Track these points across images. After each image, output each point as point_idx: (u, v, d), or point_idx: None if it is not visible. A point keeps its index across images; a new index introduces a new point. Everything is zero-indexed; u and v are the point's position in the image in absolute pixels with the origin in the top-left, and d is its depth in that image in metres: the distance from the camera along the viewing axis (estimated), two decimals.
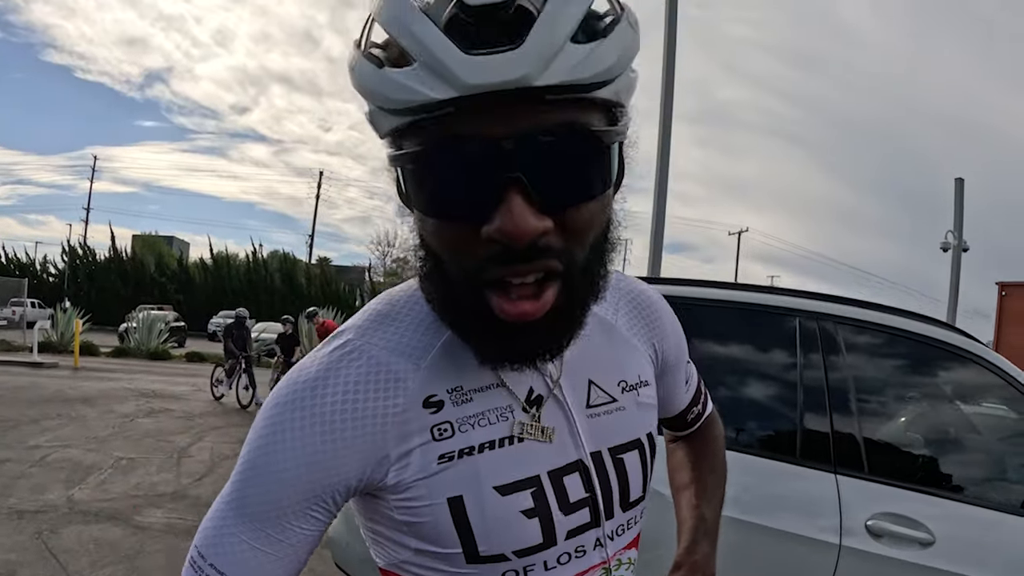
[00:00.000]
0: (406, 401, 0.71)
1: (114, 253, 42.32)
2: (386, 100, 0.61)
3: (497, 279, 0.63)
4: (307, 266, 51.81)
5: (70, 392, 12.40)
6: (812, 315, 2.80)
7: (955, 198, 19.25)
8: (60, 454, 7.49)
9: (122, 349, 21.40)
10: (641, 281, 0.96)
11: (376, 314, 0.77)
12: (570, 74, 0.58)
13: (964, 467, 2.70)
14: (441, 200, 0.63)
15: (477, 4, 0.57)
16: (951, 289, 19.34)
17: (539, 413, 0.76)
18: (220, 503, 0.72)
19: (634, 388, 0.85)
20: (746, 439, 2.72)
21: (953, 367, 2.80)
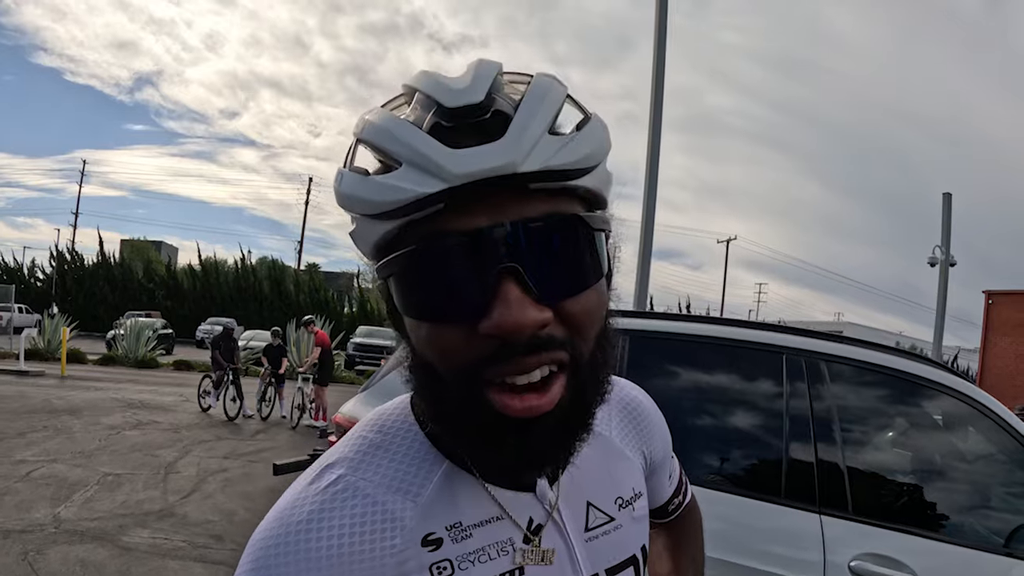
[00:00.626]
0: (403, 541, 0.68)
1: (102, 258, 42.04)
2: (373, 205, 0.60)
3: (500, 380, 0.60)
4: (296, 272, 51.65)
5: (56, 403, 12.34)
6: (795, 351, 2.85)
7: (943, 213, 19.34)
8: (46, 469, 7.47)
9: (109, 357, 21.27)
10: (630, 383, 0.98)
11: (368, 444, 0.74)
12: (550, 160, 0.59)
13: (947, 504, 2.75)
14: (433, 301, 0.61)
15: (456, 105, 0.59)
16: (939, 304, 19.45)
17: (539, 540, 0.74)
18: None
19: (629, 503, 0.85)
20: (730, 478, 2.77)
21: (934, 402, 2.86)
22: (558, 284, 0.61)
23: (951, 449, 2.94)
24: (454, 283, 0.60)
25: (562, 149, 0.60)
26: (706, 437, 2.87)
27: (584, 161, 0.62)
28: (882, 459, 2.85)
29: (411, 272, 0.62)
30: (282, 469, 4.77)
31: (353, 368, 25.05)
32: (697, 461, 2.77)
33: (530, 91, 0.62)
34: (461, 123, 0.60)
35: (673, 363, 2.97)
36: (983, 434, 2.80)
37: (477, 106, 0.60)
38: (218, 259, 46.21)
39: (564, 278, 0.61)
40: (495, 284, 0.58)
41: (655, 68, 10.20)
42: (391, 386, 3.29)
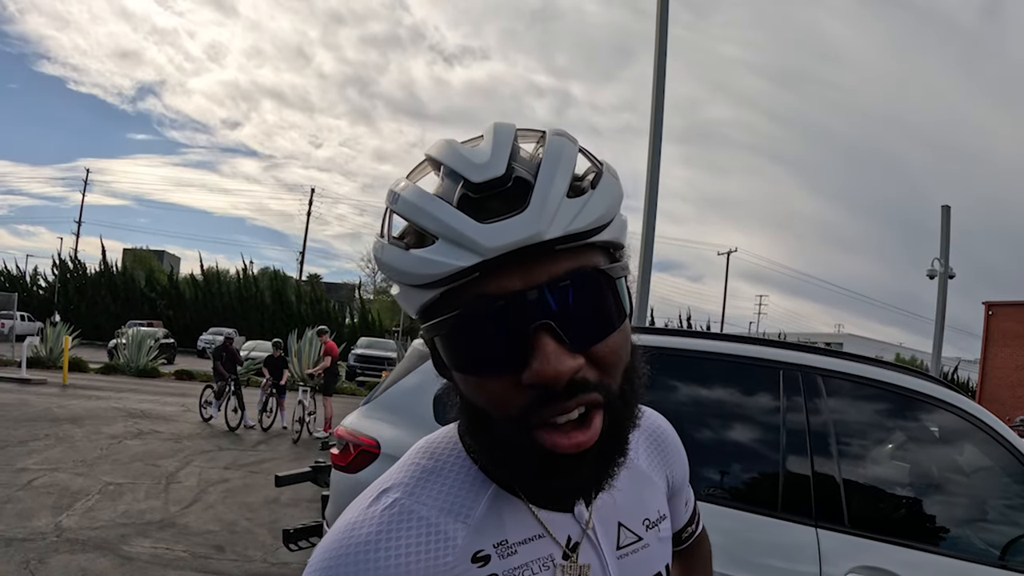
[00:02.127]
0: (455, 559, 0.74)
1: (105, 267, 42.17)
2: (417, 277, 0.67)
3: (543, 421, 0.67)
4: (297, 283, 51.75)
5: (58, 411, 12.38)
6: (794, 367, 2.90)
7: (941, 226, 19.36)
8: (48, 478, 7.50)
9: (111, 366, 21.32)
10: (653, 411, 1.04)
11: (421, 470, 0.80)
12: (571, 225, 0.65)
13: (942, 517, 2.79)
14: (478, 358, 0.68)
15: (481, 180, 0.65)
16: (937, 316, 19.46)
17: (576, 556, 0.80)
18: None
19: (656, 524, 0.91)
20: (728, 491, 2.81)
21: (930, 416, 2.90)
22: (587, 333, 0.67)
23: (947, 463, 2.97)
24: (496, 341, 0.66)
25: (581, 211, 0.66)
26: (705, 451, 2.90)
27: (601, 219, 0.68)
28: (878, 472, 2.88)
29: (456, 333, 0.68)
30: (284, 481, 4.80)
31: (354, 379, 25.06)
32: (696, 475, 2.81)
33: (546, 155, 0.68)
34: (486, 195, 0.66)
35: (672, 378, 3.01)
36: (979, 448, 2.84)
37: (499, 178, 0.66)
38: (220, 269, 46.47)
39: (592, 327, 0.67)
40: (532, 339, 0.65)
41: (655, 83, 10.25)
42: (393, 399, 3.33)
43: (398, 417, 3.21)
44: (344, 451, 3.24)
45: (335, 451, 3.32)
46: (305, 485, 7.82)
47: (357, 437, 3.20)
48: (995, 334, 32.94)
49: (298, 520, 5.87)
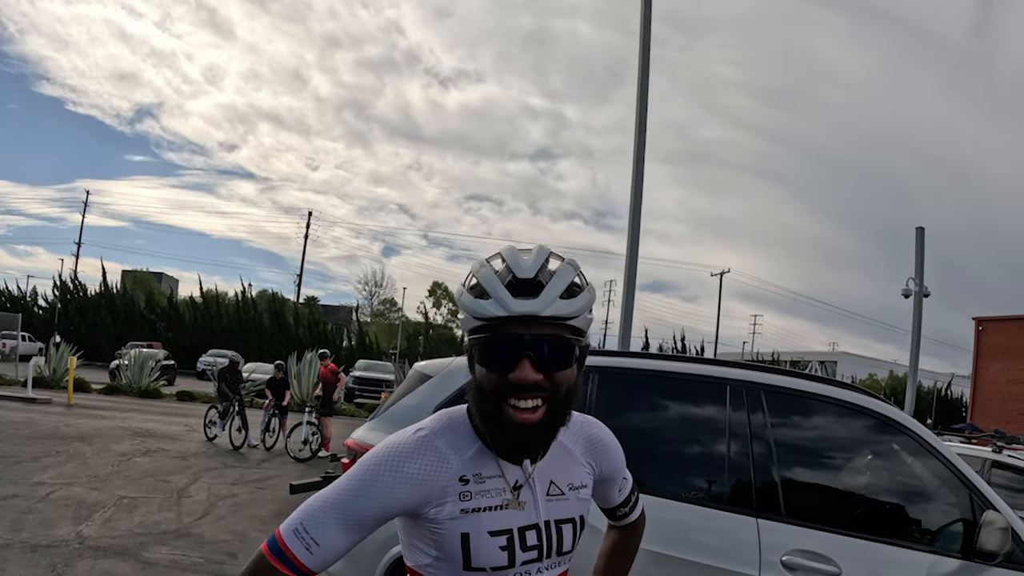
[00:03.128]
0: (449, 475, 1.26)
1: (105, 289, 42.56)
2: (474, 312, 1.22)
3: (512, 402, 1.21)
4: (295, 306, 52.14)
5: (66, 429, 12.77)
6: (737, 382, 3.40)
7: (916, 246, 19.93)
8: (64, 491, 7.90)
9: (114, 387, 21.72)
10: (602, 426, 1.54)
11: (442, 423, 1.33)
12: (558, 312, 1.20)
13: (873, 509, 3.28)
14: (492, 361, 1.22)
15: (521, 278, 1.21)
16: (913, 332, 20.03)
17: (519, 493, 1.31)
18: (325, 502, 1.24)
19: (576, 489, 1.41)
20: (683, 489, 3.27)
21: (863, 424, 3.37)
22: (548, 365, 1.21)
23: (874, 463, 3.43)
24: (502, 356, 1.21)
25: (565, 306, 1.21)
26: (664, 456, 3.37)
27: (574, 313, 1.23)
28: (814, 472, 3.34)
29: (486, 345, 1.23)
30: (298, 489, 5.19)
31: (352, 401, 25.38)
32: (656, 476, 3.27)
33: (556, 273, 1.23)
34: (520, 284, 1.21)
35: (633, 394, 3.49)
36: (904, 449, 3.29)
37: (530, 280, 1.21)
38: (219, 291, 46.83)
39: (551, 363, 1.22)
40: (519, 360, 1.20)
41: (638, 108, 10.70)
42: (397, 415, 3.76)
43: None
44: (354, 460, 3.65)
45: (346, 460, 3.75)
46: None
47: (366, 447, 3.62)
48: (986, 349, 33.39)
49: None
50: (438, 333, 57.21)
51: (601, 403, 3.33)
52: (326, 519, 1.22)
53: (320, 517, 1.22)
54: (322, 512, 1.23)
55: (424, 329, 54.81)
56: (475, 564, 1.26)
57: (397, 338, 51.39)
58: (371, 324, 59.78)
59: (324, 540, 1.21)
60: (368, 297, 71.20)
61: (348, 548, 1.25)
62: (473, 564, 1.26)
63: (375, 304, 71.29)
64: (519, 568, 1.30)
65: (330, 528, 1.22)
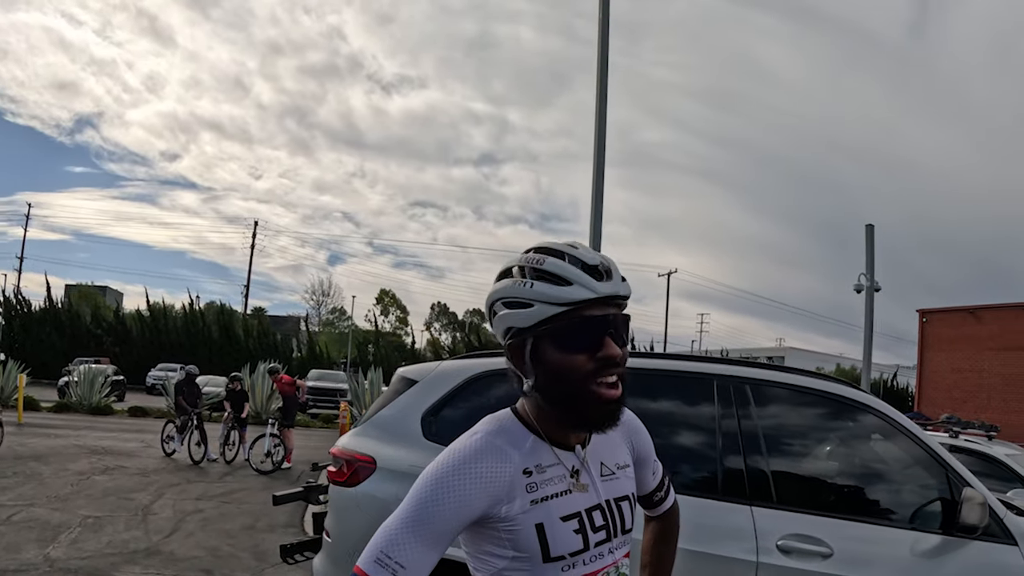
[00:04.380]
0: (513, 471, 1.29)
1: (50, 304, 41.45)
2: (560, 299, 1.24)
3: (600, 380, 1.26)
4: (244, 317, 51.40)
5: (20, 449, 12.43)
6: (724, 377, 3.52)
7: (866, 243, 20.46)
8: (25, 513, 7.71)
9: (64, 404, 21.17)
10: (631, 412, 1.59)
11: (496, 425, 1.36)
12: (626, 291, 1.30)
13: (858, 493, 3.44)
14: (579, 341, 1.26)
15: (592, 264, 1.28)
16: (866, 327, 20.52)
17: (578, 477, 1.36)
18: (402, 522, 1.22)
19: (624, 467, 1.48)
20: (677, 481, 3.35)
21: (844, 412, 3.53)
22: (623, 341, 1.30)
23: (859, 450, 3.58)
24: (591, 335, 1.27)
25: (627, 287, 1.31)
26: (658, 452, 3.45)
27: (630, 293, 1.32)
28: (802, 460, 3.47)
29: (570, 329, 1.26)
30: (282, 500, 5.16)
31: (306, 411, 25.12)
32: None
33: (610, 261, 1.31)
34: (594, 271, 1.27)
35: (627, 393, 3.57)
36: (885, 436, 3.44)
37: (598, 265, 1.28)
38: (166, 304, 45.90)
39: (624, 339, 1.31)
40: (604, 337, 1.27)
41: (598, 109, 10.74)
42: (383, 421, 3.76)
43: (390, 436, 3.65)
44: (340, 469, 3.65)
45: (332, 469, 3.74)
46: (279, 511, 8.16)
47: (354, 455, 3.62)
48: (930, 340, 34.31)
49: (276, 543, 6.23)
50: (387, 340, 56.87)
51: None
52: (406, 539, 1.20)
53: (399, 539, 1.20)
54: (400, 533, 1.21)
55: (374, 337, 54.43)
56: (554, 553, 1.28)
57: (347, 347, 51.00)
58: (320, 333, 59.24)
59: (410, 562, 1.19)
60: (316, 306, 70.62)
61: (433, 566, 1.23)
62: (552, 554, 1.28)
63: (323, 313, 70.71)
64: (593, 551, 1.33)
65: (413, 548, 1.20)
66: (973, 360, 31.32)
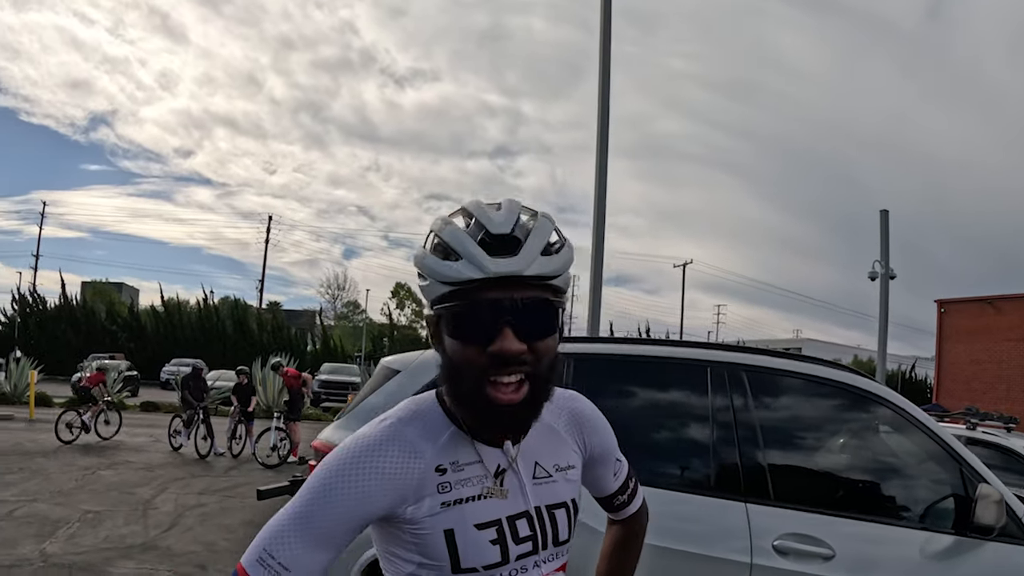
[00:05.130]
0: (424, 467, 1.13)
1: (65, 301, 41.71)
2: (444, 277, 1.06)
3: (493, 379, 1.06)
4: (258, 312, 51.52)
5: (28, 445, 12.42)
6: (718, 364, 3.29)
7: (880, 229, 20.15)
8: (27, 508, 7.64)
9: (76, 400, 21.16)
10: (584, 398, 1.41)
11: (410, 412, 1.19)
12: (539, 270, 1.07)
13: (863, 489, 3.21)
14: (468, 331, 1.08)
15: (496, 233, 1.07)
16: (881, 315, 20.22)
17: (502, 479, 1.18)
18: (289, 518, 1.08)
19: (564, 470, 1.28)
20: (668, 476, 3.17)
21: (851, 404, 3.27)
22: (532, 332, 1.08)
23: (866, 442, 3.35)
24: (479, 325, 1.07)
25: (546, 264, 1.08)
26: (646, 444, 3.26)
27: (556, 271, 1.10)
28: (803, 454, 3.26)
29: (459, 314, 1.08)
30: (265, 494, 5.04)
31: (319, 405, 25.08)
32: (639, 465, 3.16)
33: (535, 228, 1.09)
34: (498, 244, 1.06)
35: (613, 380, 3.38)
36: (892, 426, 3.22)
37: (506, 235, 1.07)
38: (180, 300, 46.04)
39: (535, 330, 1.08)
40: (500, 328, 1.06)
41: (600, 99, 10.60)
42: (365, 413, 3.61)
43: None
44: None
45: (313, 463, 3.60)
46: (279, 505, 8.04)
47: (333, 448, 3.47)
48: (948, 331, 33.87)
49: None
50: (403, 334, 56.89)
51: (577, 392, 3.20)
52: (292, 537, 1.06)
53: (285, 536, 1.07)
54: (286, 530, 1.07)
55: (388, 331, 54.43)
56: (465, 564, 1.13)
57: (362, 340, 51.00)
58: (335, 327, 59.26)
59: (294, 562, 1.05)
60: (331, 300, 70.65)
61: (326, 568, 1.10)
62: (463, 565, 1.13)
63: (338, 307, 70.74)
64: (514, 564, 1.16)
65: (298, 547, 1.06)
66: (992, 351, 30.88)
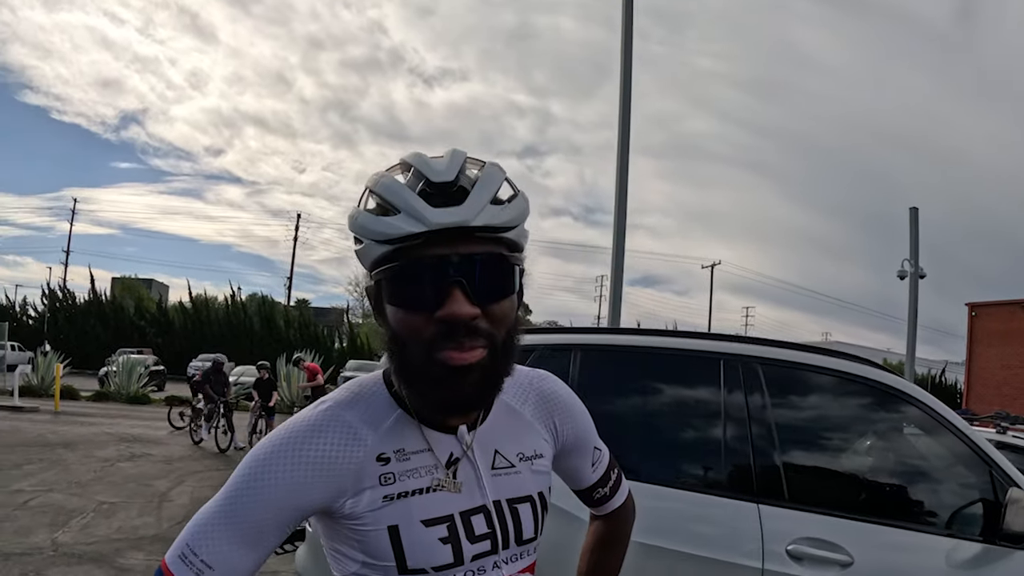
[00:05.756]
0: (364, 455, 1.00)
1: (94, 296, 42.20)
2: (380, 235, 0.93)
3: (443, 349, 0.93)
4: (286, 309, 51.77)
5: (51, 436, 12.50)
6: (732, 356, 3.08)
7: (910, 227, 19.74)
8: (43, 498, 7.65)
9: (102, 393, 21.41)
10: (557, 380, 1.26)
11: (351, 394, 1.06)
12: (489, 220, 0.93)
13: (883, 492, 3.00)
14: (410, 296, 0.94)
15: (438, 181, 0.94)
16: (910, 315, 19.82)
17: (455, 470, 1.05)
18: (210, 513, 0.97)
19: (529, 459, 1.13)
20: (675, 474, 3.02)
21: (872, 399, 3.07)
22: (485, 293, 0.94)
23: (891, 443, 3.16)
24: (424, 286, 0.93)
25: (497, 213, 0.94)
26: (654, 440, 3.11)
27: (509, 222, 0.96)
28: (822, 453, 3.08)
29: (398, 277, 0.95)
30: None
31: None
32: (647, 462, 3.03)
33: (482, 176, 0.97)
34: (439, 193, 0.93)
35: (620, 373, 3.23)
36: (917, 425, 3.03)
37: (449, 183, 0.94)
38: (208, 296, 46.38)
39: (489, 291, 0.95)
40: (448, 289, 0.92)
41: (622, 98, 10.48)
42: None
43: None
44: None
45: None
46: None
47: None
48: (979, 334, 33.26)
49: None
50: None
51: (584, 384, 3.03)
52: (216, 533, 0.95)
53: (209, 532, 0.95)
54: (211, 525, 0.96)
55: None
56: (412, 565, 1.00)
57: None
58: (362, 325, 59.34)
59: (219, 561, 0.94)
60: (359, 298, 70.86)
61: (255, 567, 0.99)
62: (410, 565, 1.00)
63: (366, 305, 70.83)
64: (470, 564, 1.03)
65: (223, 544, 0.95)
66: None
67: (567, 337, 3.37)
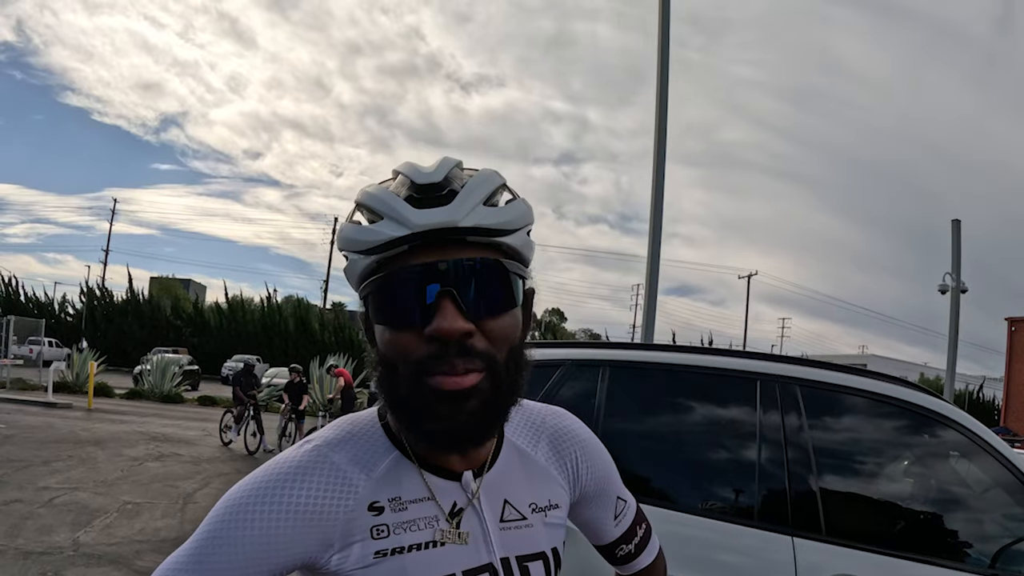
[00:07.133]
0: (355, 504, 0.87)
1: (131, 295, 42.88)
2: (361, 244, 0.84)
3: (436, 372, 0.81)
4: (321, 311, 52.08)
5: (82, 434, 12.61)
6: (769, 377, 2.91)
7: (952, 240, 19.24)
8: (68, 496, 7.67)
9: (136, 391, 21.65)
10: (575, 418, 1.12)
11: (342, 432, 0.94)
12: (480, 221, 0.82)
13: (926, 526, 2.80)
14: (395, 313, 0.84)
15: (423, 183, 0.84)
16: (951, 330, 19.27)
17: (459, 520, 0.91)
18: (180, 560, 0.84)
19: (543, 510, 0.99)
20: (704, 500, 2.86)
21: (914, 425, 2.90)
22: (480, 306, 0.83)
23: (933, 472, 2.98)
24: (409, 300, 0.83)
25: (490, 215, 0.84)
26: (683, 464, 2.96)
27: (506, 224, 0.85)
28: (860, 482, 2.90)
29: (382, 292, 0.85)
30: None
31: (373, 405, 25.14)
32: (674, 487, 2.88)
33: (476, 176, 0.87)
34: (426, 195, 0.83)
35: (649, 392, 3.08)
36: (967, 456, 2.84)
37: (437, 184, 0.84)
38: (244, 297, 46.82)
39: (485, 303, 0.83)
40: (437, 301, 0.81)
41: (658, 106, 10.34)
42: None
43: None
44: None
45: None
46: None
47: None
48: (1019, 350, 32.50)
49: None
50: None
51: (611, 402, 2.89)
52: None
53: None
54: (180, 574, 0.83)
55: None
56: None
57: None
58: None
59: None
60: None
61: None
62: None
63: None
64: None
65: None
66: None
67: (596, 352, 3.22)
